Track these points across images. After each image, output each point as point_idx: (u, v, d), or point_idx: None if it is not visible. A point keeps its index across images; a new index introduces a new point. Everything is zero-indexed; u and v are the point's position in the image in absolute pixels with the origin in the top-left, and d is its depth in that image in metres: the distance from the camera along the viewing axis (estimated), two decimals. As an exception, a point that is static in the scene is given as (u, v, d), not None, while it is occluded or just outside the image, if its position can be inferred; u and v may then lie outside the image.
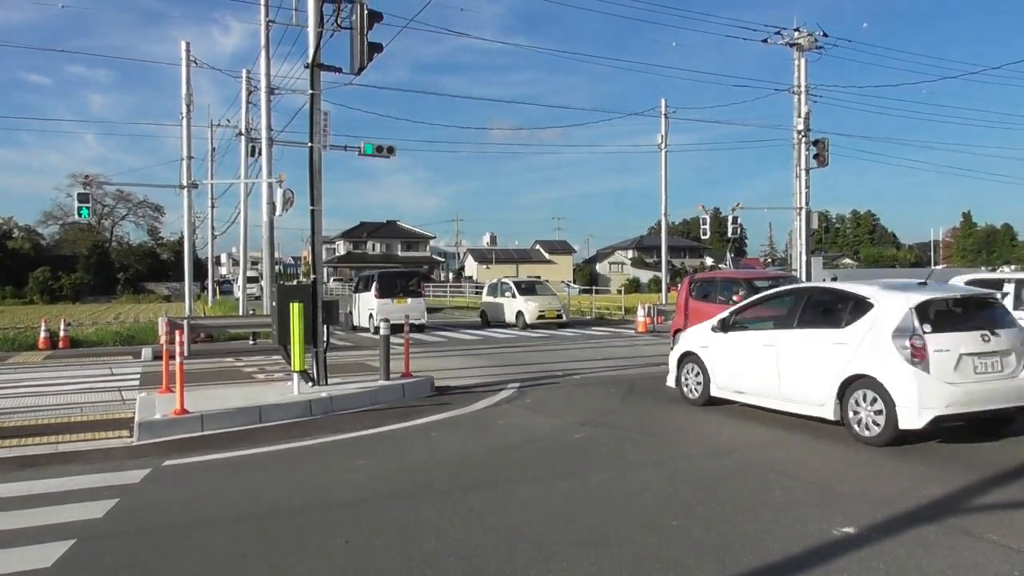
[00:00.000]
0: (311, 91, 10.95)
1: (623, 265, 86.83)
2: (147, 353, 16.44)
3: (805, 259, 26.23)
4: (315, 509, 5.56)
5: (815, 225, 28.13)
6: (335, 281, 65.78)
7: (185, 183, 23.93)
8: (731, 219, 28.58)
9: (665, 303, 26.57)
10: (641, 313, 23.65)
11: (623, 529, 4.96)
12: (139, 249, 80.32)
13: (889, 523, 4.98)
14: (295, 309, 9.61)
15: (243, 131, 26.44)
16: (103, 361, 16.50)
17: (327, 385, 10.43)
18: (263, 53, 20.95)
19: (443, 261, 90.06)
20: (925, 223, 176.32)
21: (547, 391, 11.29)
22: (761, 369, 8.59)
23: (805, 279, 23.23)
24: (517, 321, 24.87)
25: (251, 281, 34.31)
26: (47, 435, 8.24)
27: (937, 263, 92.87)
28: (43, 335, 19.61)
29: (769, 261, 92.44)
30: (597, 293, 43.98)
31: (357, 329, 24.72)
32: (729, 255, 72.70)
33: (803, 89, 26.04)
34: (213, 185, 35.97)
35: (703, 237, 49.87)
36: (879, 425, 7.23)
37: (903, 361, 7.12)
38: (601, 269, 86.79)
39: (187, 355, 12.09)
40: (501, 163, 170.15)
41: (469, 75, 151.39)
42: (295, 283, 14.46)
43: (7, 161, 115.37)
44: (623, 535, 4.85)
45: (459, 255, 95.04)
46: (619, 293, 41.29)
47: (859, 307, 7.78)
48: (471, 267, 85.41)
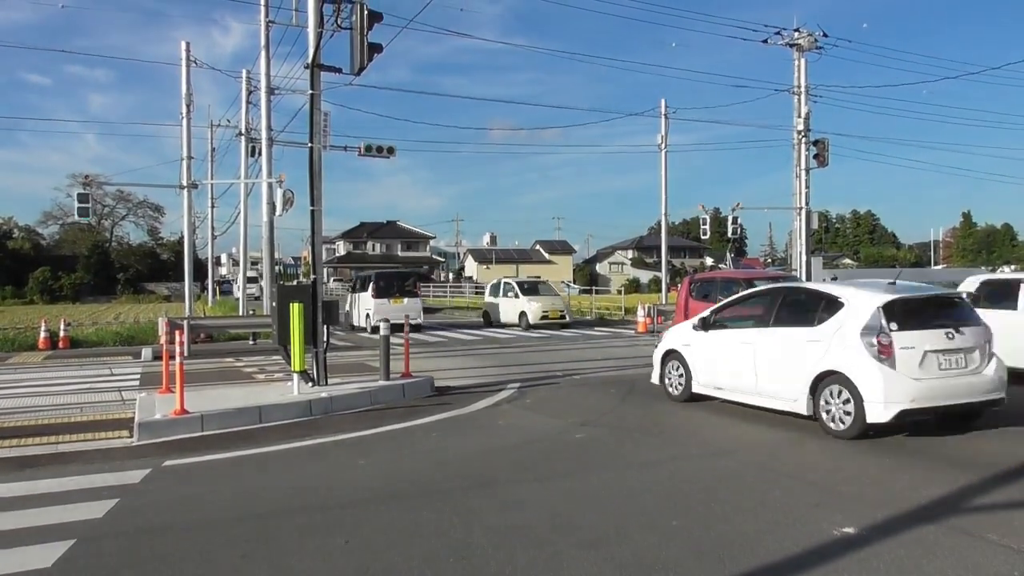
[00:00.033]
0: (311, 91, 10.96)
1: (623, 265, 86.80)
2: (147, 353, 16.46)
3: (805, 259, 26.22)
4: (315, 509, 5.56)
5: (815, 225, 28.13)
6: (335, 281, 65.78)
7: (185, 183, 23.95)
8: (731, 219, 28.58)
9: (665, 303, 26.54)
10: (641, 313, 23.66)
11: (623, 529, 4.97)
12: (139, 249, 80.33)
13: (889, 523, 4.99)
14: (295, 309, 9.62)
15: (243, 131, 26.46)
16: (103, 361, 16.51)
17: (327, 385, 10.44)
18: (263, 53, 20.97)
19: (443, 261, 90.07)
20: (925, 223, 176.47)
21: (547, 391, 11.29)
22: (739, 366, 8.89)
23: (805, 279, 23.22)
24: (520, 321, 24.84)
25: (251, 281, 34.30)
26: (47, 435, 8.25)
27: (937, 263, 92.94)
28: (43, 335, 19.62)
29: (769, 261, 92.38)
30: (597, 293, 43.96)
31: (356, 329, 24.75)
32: (729, 255, 72.67)
33: (803, 89, 26.05)
34: (213, 185, 36.00)
35: (703, 237, 49.90)
36: (848, 419, 7.52)
37: (870, 358, 7.40)
38: (601, 269, 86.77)
39: (187, 355, 12.09)
40: (501, 163, 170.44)
41: (469, 75, 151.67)
42: (295, 283, 14.46)
43: (7, 161, 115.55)
44: (623, 535, 4.86)
45: (459, 255, 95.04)
46: (619, 293, 41.29)
47: (831, 306, 8.06)
48: (471, 267, 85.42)
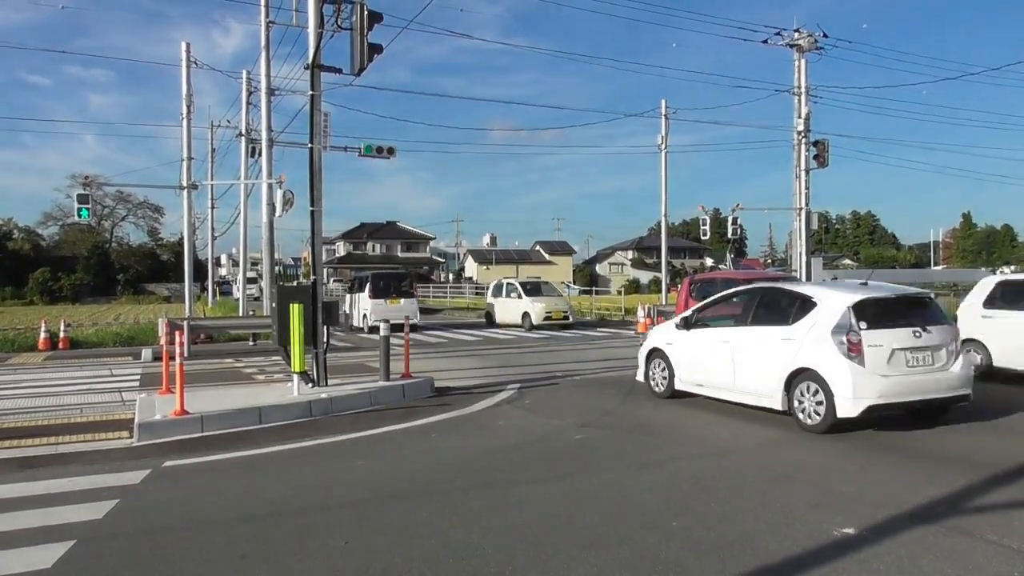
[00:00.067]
0: (311, 92, 10.96)
1: (623, 266, 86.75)
2: (147, 354, 16.45)
3: (805, 260, 26.22)
4: (315, 510, 5.56)
5: (815, 226, 28.13)
6: (335, 282, 65.67)
7: (185, 184, 23.96)
8: (731, 220, 28.59)
9: (665, 304, 26.52)
10: (641, 314, 23.64)
11: (623, 529, 4.97)
12: (139, 250, 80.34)
13: (889, 523, 4.99)
14: (295, 310, 9.62)
15: (243, 132, 26.46)
16: (103, 362, 16.51)
17: (327, 386, 10.43)
18: (263, 54, 20.98)
19: (443, 262, 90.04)
20: (925, 224, 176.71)
21: (547, 392, 11.29)
22: (719, 364, 9.18)
23: (805, 280, 23.23)
24: (523, 322, 24.79)
25: (251, 282, 34.29)
26: (47, 436, 8.24)
27: (937, 264, 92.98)
28: (43, 336, 19.61)
29: (769, 262, 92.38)
30: (597, 294, 43.98)
31: (354, 329, 24.75)
32: (729, 256, 72.56)
33: (803, 90, 26.05)
34: (213, 186, 35.95)
35: (703, 238, 49.97)
36: (820, 414, 7.81)
37: (841, 355, 7.69)
38: (601, 270, 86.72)
39: (187, 356, 12.09)
40: (501, 164, 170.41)
41: (469, 76, 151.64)
42: (295, 284, 14.46)
43: (7, 162, 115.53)
44: (623, 535, 4.86)
45: (459, 256, 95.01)
46: (619, 294, 41.31)
47: (805, 306, 8.36)
48: (471, 268, 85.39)
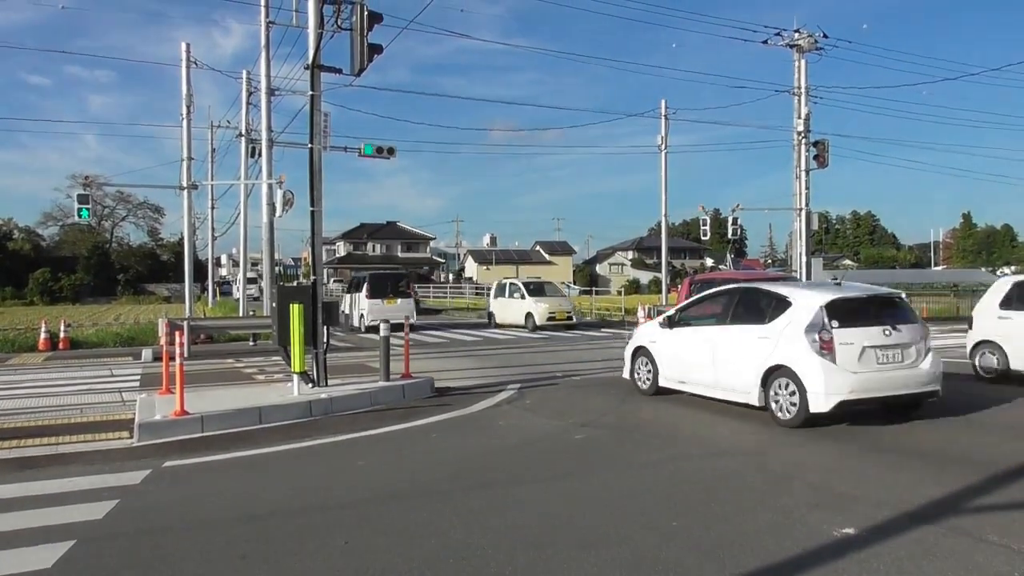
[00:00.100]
0: (311, 92, 10.96)
1: (623, 266, 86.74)
2: (147, 354, 16.45)
3: (805, 260, 26.24)
4: (315, 510, 5.56)
5: (815, 226, 28.16)
6: (335, 282, 65.69)
7: (185, 184, 23.98)
8: (731, 220, 28.62)
9: (665, 304, 26.51)
10: (641, 314, 23.58)
11: (623, 529, 4.97)
12: (139, 250, 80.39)
13: (889, 524, 4.99)
14: (295, 310, 9.62)
15: (243, 132, 26.45)
16: (103, 362, 16.51)
17: (327, 386, 10.43)
18: (263, 54, 20.97)
19: (443, 262, 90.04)
20: (925, 224, 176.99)
21: (547, 392, 11.29)
22: (700, 361, 9.48)
23: (805, 280, 23.23)
24: (527, 323, 24.70)
25: (251, 282, 34.31)
26: (47, 436, 8.24)
27: (937, 264, 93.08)
28: (43, 336, 19.62)
29: (769, 262, 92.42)
30: (597, 294, 44.02)
31: (355, 330, 24.76)
32: (729, 256, 72.72)
33: (803, 90, 26.08)
34: (213, 186, 35.92)
35: (703, 238, 49.88)
36: (794, 409, 8.11)
37: (813, 353, 8.00)
38: (601, 270, 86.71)
39: (187, 356, 12.10)
40: (501, 164, 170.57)
41: (469, 76, 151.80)
42: (295, 284, 14.47)
43: (7, 162, 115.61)
44: (623, 535, 4.86)
45: (459, 256, 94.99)
46: (619, 294, 41.30)
47: (780, 305, 8.66)
48: (471, 268, 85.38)
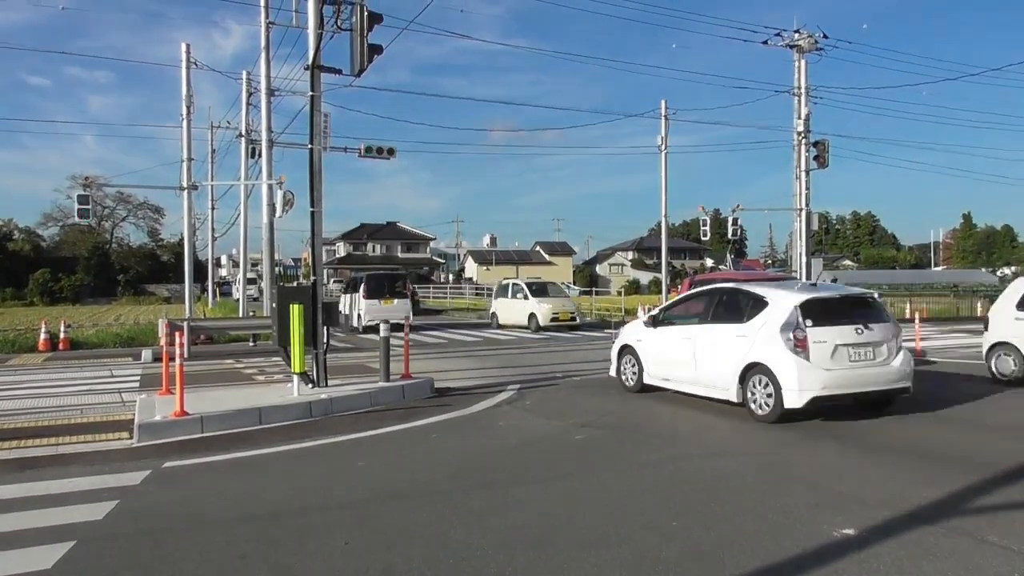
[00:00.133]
0: (311, 93, 10.97)
1: (623, 266, 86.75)
2: (147, 355, 16.45)
3: (805, 260, 26.25)
4: (315, 510, 5.56)
5: (815, 226, 28.16)
6: (335, 283, 65.73)
7: (185, 185, 23.99)
8: (731, 220, 28.62)
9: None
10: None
11: (623, 529, 4.97)
12: (139, 251, 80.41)
13: (889, 524, 4.99)
14: (295, 311, 9.62)
15: (243, 133, 26.44)
16: (103, 363, 16.50)
17: (327, 387, 10.43)
18: (263, 55, 20.96)
19: (443, 263, 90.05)
20: (925, 224, 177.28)
21: (547, 392, 11.29)
22: (682, 359, 9.77)
23: (805, 280, 23.23)
24: (530, 323, 24.63)
25: (250, 283, 34.29)
26: (47, 437, 8.24)
27: (937, 264, 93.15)
28: (43, 337, 19.61)
29: (769, 262, 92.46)
30: (597, 294, 44.06)
31: (355, 330, 24.75)
32: (729, 256, 72.83)
33: (803, 91, 26.09)
34: (213, 187, 35.94)
35: (703, 238, 49.66)
36: (769, 405, 8.38)
37: (788, 351, 8.29)
38: (601, 270, 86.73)
39: (187, 357, 12.10)
40: (501, 164, 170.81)
41: (469, 76, 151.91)
42: (295, 285, 14.46)
43: (7, 163, 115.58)
44: (623, 535, 4.86)
45: (459, 256, 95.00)
46: (619, 294, 41.30)
47: (758, 305, 8.95)
48: (471, 268, 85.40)
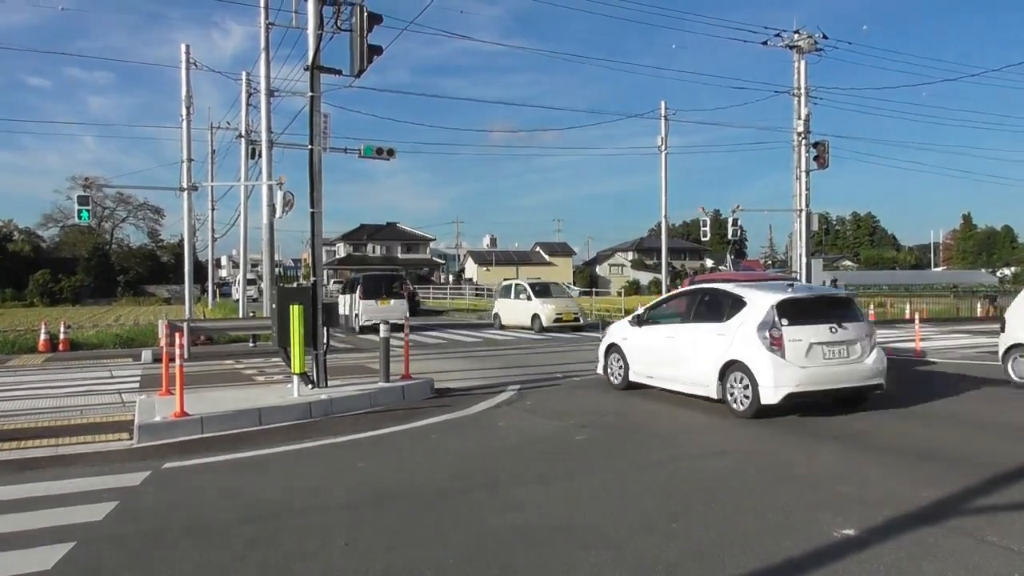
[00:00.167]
0: (311, 93, 10.96)
1: (623, 267, 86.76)
2: (147, 355, 16.44)
3: (805, 261, 26.22)
4: (315, 511, 5.56)
5: (815, 227, 28.11)
6: (335, 283, 65.68)
7: (185, 185, 23.99)
8: (731, 221, 28.61)
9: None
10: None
11: (623, 530, 4.96)
12: (139, 251, 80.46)
13: (889, 525, 4.99)
14: (295, 311, 9.61)
15: (243, 133, 26.41)
16: (103, 363, 16.50)
17: (327, 387, 10.42)
18: (263, 55, 20.94)
19: (443, 263, 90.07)
20: (925, 225, 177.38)
21: (547, 393, 11.29)
22: (665, 357, 10.08)
23: (805, 281, 23.24)
24: (533, 324, 24.51)
25: (250, 283, 34.28)
26: (47, 437, 8.23)
27: (937, 265, 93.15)
28: (43, 337, 19.59)
29: (769, 263, 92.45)
30: (597, 295, 44.04)
31: (354, 331, 24.76)
32: (729, 257, 72.82)
33: (803, 91, 26.06)
34: (213, 187, 35.96)
35: (703, 239, 49.56)
36: (747, 401, 8.67)
37: (764, 349, 8.59)
38: (601, 271, 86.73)
39: (187, 357, 12.09)
40: (501, 165, 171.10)
41: (469, 77, 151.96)
42: (295, 285, 14.46)
43: (7, 164, 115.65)
44: (623, 536, 4.85)
45: (459, 257, 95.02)
46: (619, 295, 41.31)
47: (736, 305, 9.22)
48: (471, 269, 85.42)
